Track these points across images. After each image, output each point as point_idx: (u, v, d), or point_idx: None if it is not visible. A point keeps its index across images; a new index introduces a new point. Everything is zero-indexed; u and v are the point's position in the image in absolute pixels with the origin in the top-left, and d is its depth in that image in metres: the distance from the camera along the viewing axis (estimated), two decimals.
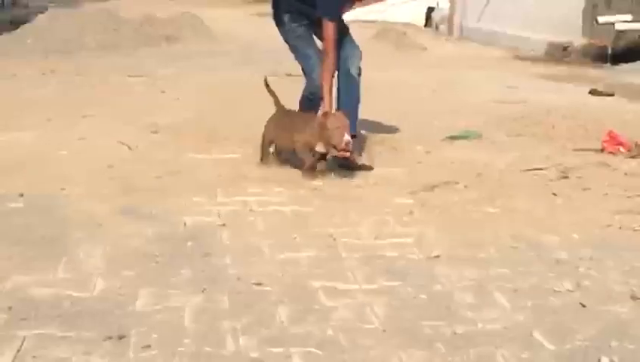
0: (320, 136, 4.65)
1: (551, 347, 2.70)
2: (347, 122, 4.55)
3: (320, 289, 3.16)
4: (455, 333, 2.79)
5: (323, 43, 5.11)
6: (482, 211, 4.23)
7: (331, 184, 4.70)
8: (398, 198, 4.44)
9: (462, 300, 3.09)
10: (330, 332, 2.79)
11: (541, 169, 5.16)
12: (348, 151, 4.57)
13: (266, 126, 5.18)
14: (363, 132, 5.97)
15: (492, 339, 2.75)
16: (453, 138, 6.10)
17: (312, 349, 2.66)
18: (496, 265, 3.45)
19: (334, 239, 3.76)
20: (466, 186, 4.72)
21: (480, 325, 2.87)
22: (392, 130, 6.35)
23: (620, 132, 6.01)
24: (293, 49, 5.44)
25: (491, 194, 4.54)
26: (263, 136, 5.16)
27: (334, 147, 4.59)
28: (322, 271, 3.36)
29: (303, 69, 5.42)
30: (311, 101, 5.27)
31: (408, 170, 5.09)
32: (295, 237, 3.77)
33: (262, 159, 5.11)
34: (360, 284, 3.23)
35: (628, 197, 4.57)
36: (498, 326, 2.86)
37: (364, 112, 7.15)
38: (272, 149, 5.18)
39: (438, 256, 3.56)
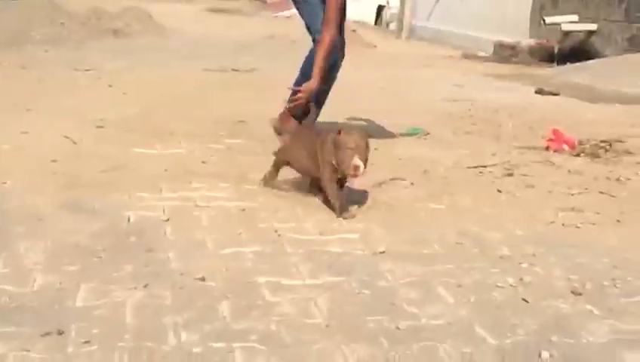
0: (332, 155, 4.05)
1: (493, 341, 2.71)
2: (362, 143, 3.95)
3: (264, 285, 3.14)
4: (398, 328, 2.79)
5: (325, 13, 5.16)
6: (428, 208, 4.25)
7: (277, 180, 4.67)
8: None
9: (406, 295, 3.09)
10: (273, 327, 2.77)
11: (486, 166, 5.20)
12: (355, 175, 3.97)
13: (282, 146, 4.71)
14: None
15: (435, 334, 2.75)
16: (400, 135, 6.12)
17: (255, 344, 2.64)
18: (440, 261, 3.46)
19: (279, 234, 3.74)
20: (412, 183, 4.73)
21: (423, 320, 2.87)
22: (339, 127, 6.33)
23: (565, 131, 6.09)
24: (303, 5, 5.42)
25: (437, 191, 4.56)
26: (276, 155, 4.63)
27: (342, 171, 4.00)
28: (267, 266, 3.34)
29: (308, 28, 5.43)
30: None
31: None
32: (240, 233, 3.74)
33: (264, 180, 4.53)
34: (304, 279, 3.21)
35: (571, 194, 4.62)
36: (441, 321, 2.87)
37: None
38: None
39: (383, 252, 3.56)
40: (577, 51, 12.59)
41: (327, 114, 6.68)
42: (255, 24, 16.82)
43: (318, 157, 4.11)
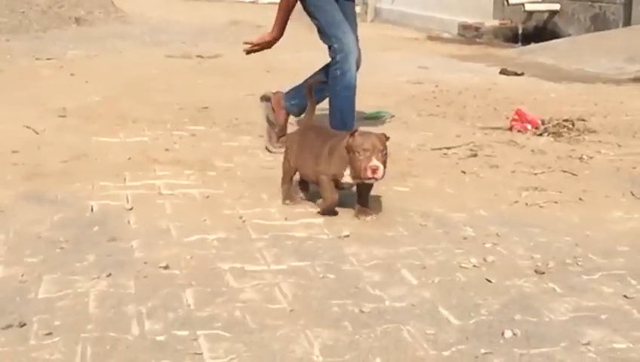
0: (346, 161, 3.71)
1: (456, 322, 2.73)
2: (380, 145, 3.61)
3: (228, 271, 3.13)
4: (362, 311, 2.79)
5: None
6: (392, 190, 4.25)
7: (242, 165, 4.67)
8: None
9: (370, 278, 3.10)
10: (237, 313, 2.76)
11: (451, 148, 5.22)
12: (374, 178, 3.63)
13: (286, 146, 4.16)
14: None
15: (399, 316, 2.76)
16: (365, 118, 6.12)
17: (219, 331, 2.63)
18: (405, 243, 3.47)
19: (244, 221, 3.73)
20: None
21: (387, 302, 2.88)
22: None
23: (529, 110, 6.12)
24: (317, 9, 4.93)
25: (402, 173, 4.57)
26: (284, 162, 4.14)
27: (358, 176, 3.67)
28: (231, 252, 3.34)
29: (325, 31, 4.91)
30: (338, 63, 4.86)
31: None
32: (204, 220, 3.73)
33: (284, 198, 4.05)
34: (269, 265, 3.21)
35: (534, 174, 4.65)
36: (405, 303, 2.88)
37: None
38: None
39: (347, 236, 3.56)
40: (541, 31, 12.66)
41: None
42: (219, 10, 16.71)
43: (323, 162, 3.79)
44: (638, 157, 5.07)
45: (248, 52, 5.12)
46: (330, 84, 4.88)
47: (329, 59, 4.93)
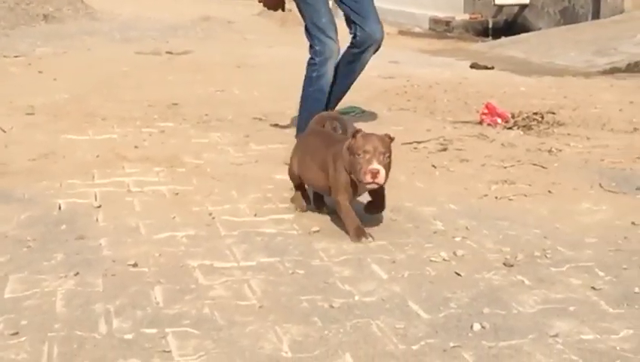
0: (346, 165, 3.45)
1: (425, 316, 2.73)
2: (382, 146, 3.33)
3: (197, 268, 3.12)
4: (332, 306, 2.79)
5: None
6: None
7: (212, 162, 4.65)
8: (279, 175, 4.41)
9: (340, 273, 3.09)
10: (206, 310, 2.75)
11: (421, 142, 5.22)
12: (375, 183, 3.34)
13: (292, 155, 3.92)
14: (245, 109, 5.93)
15: (368, 311, 2.76)
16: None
17: (188, 328, 2.61)
18: (375, 238, 3.47)
19: (213, 217, 3.71)
20: None
21: (357, 297, 2.88)
22: (275, 106, 6.32)
23: (499, 104, 6.14)
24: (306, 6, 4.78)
25: None
26: (289, 169, 3.93)
27: (358, 178, 3.38)
28: (200, 249, 3.32)
29: (309, 30, 4.77)
30: (315, 65, 4.81)
31: (290, 145, 5.04)
32: (174, 217, 3.71)
33: (296, 205, 3.86)
34: (238, 262, 3.20)
35: (504, 167, 4.66)
36: (375, 297, 2.88)
37: (245, 89, 7.15)
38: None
39: (317, 231, 3.56)
40: (511, 25, 12.72)
41: (261, 93, 6.68)
42: (189, 5, 16.61)
43: (329, 171, 3.54)
44: (606, 149, 5.10)
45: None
46: (304, 83, 4.86)
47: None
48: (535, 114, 6.00)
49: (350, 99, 6.56)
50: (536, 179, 4.42)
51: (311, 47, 4.75)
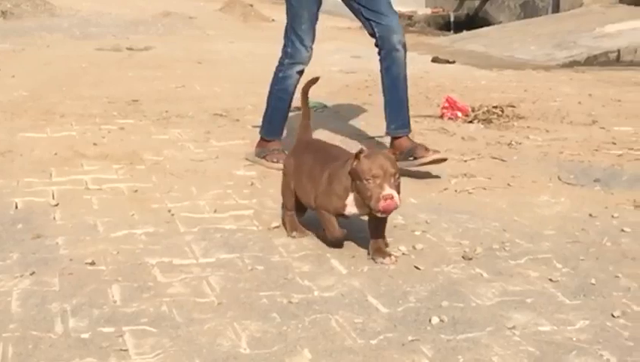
0: (350, 189, 3.12)
1: (384, 310, 2.73)
2: (390, 166, 3.01)
3: (156, 266, 3.09)
4: (291, 302, 2.78)
5: None
6: None
7: (172, 159, 4.61)
8: (240, 171, 4.41)
9: (299, 269, 3.09)
10: (164, 308, 2.73)
11: (382, 136, 5.22)
12: (387, 212, 3.05)
13: (285, 164, 3.60)
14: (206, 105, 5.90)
15: (327, 306, 2.75)
16: (298, 109, 6.09)
17: (145, 327, 2.59)
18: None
19: (173, 214, 3.69)
20: None
21: (316, 293, 2.87)
22: (235, 102, 6.30)
23: (459, 98, 6.17)
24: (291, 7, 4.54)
25: None
26: (283, 188, 3.54)
27: (368, 207, 3.06)
28: (159, 247, 3.29)
29: (286, 31, 4.61)
30: (282, 66, 4.66)
31: (251, 141, 5.04)
32: (132, 214, 3.67)
33: (290, 229, 3.47)
34: (197, 258, 3.18)
35: (464, 161, 4.69)
36: (334, 292, 2.87)
37: (206, 84, 7.11)
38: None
39: (277, 227, 3.54)
40: (472, 19, 12.78)
41: (223, 88, 6.64)
42: (150, 1, 16.48)
43: (322, 194, 3.21)
44: (565, 142, 5.15)
45: None
46: (272, 81, 4.77)
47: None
48: (495, 107, 6.03)
49: (312, 94, 6.54)
50: (496, 172, 4.45)
51: (284, 46, 4.70)
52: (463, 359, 2.40)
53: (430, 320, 2.65)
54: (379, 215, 3.06)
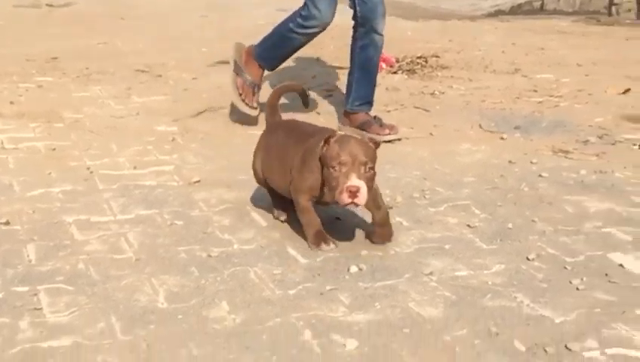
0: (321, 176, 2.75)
1: (303, 261, 2.73)
2: (361, 154, 2.65)
3: (73, 224, 3.04)
4: (210, 256, 2.76)
5: None
6: (246, 134, 4.22)
7: (92, 116, 4.53)
8: (161, 126, 4.35)
9: (219, 223, 3.06)
10: (80, 266, 2.68)
11: (307, 89, 5.19)
12: (354, 204, 2.65)
13: (254, 152, 3.22)
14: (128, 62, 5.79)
15: (247, 259, 2.74)
16: (221, 63, 6.03)
17: (61, 285, 2.55)
18: (256, 186, 3.43)
19: (91, 172, 3.62)
20: (231, 111, 4.68)
21: (236, 246, 2.86)
22: (159, 57, 6.20)
23: (384, 49, 6.14)
24: None
25: (256, 116, 4.53)
26: (254, 175, 3.22)
27: (334, 198, 2.68)
28: (77, 205, 3.24)
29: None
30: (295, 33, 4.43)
31: (173, 97, 4.99)
32: (49, 173, 3.60)
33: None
34: (115, 215, 3.13)
35: (388, 111, 4.70)
36: (254, 245, 2.86)
37: (129, 40, 6.98)
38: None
39: (198, 182, 3.51)
40: None
41: (145, 44, 6.52)
42: None
43: (296, 174, 2.85)
44: (487, 90, 5.19)
45: None
46: (284, 21, 4.53)
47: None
48: (419, 58, 6.06)
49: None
50: (419, 121, 4.47)
51: (304, 6, 4.39)
52: (380, 305, 2.41)
53: (349, 269, 2.66)
54: (345, 207, 2.75)
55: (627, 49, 6.72)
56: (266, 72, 4.60)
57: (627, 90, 5.12)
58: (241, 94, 4.44)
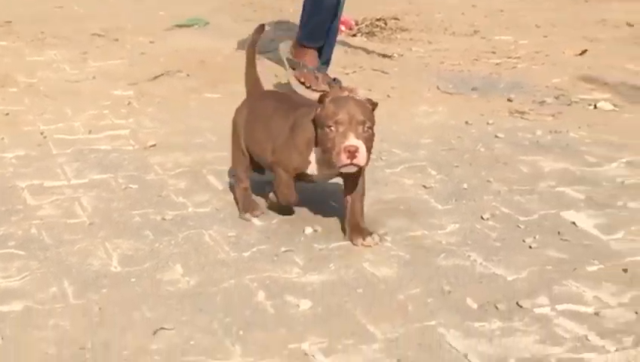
0: (315, 143, 2.55)
1: (259, 223, 2.73)
2: (358, 113, 2.44)
3: (26, 189, 3.01)
4: (164, 219, 2.75)
5: None
6: (203, 97, 4.20)
7: (46, 80, 4.47)
8: (117, 90, 4.30)
9: (175, 186, 3.05)
10: (33, 230, 2.66)
11: (264, 53, 5.16)
12: (353, 165, 2.44)
13: (234, 121, 2.91)
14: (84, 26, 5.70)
15: (201, 222, 2.73)
16: (179, 26, 5.97)
17: (13, 250, 2.52)
18: (212, 150, 3.43)
19: (45, 136, 3.58)
20: (188, 75, 4.64)
21: (191, 209, 2.84)
22: (114, 21, 6.11)
23: (344, 12, 6.11)
24: None
25: (213, 80, 4.50)
26: (233, 149, 2.90)
27: (329, 161, 2.48)
28: (30, 170, 3.20)
29: None
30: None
31: (129, 61, 4.93)
32: (2, 138, 3.56)
33: (242, 208, 2.82)
34: (69, 180, 3.10)
35: (346, 74, 4.68)
36: (209, 208, 2.85)
37: (85, 4, 6.87)
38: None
39: (154, 145, 3.49)
40: None
41: (99, 7, 6.42)
42: None
43: (282, 145, 2.64)
44: (446, 52, 5.19)
45: None
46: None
47: None
48: (379, 20, 6.03)
49: (194, 11, 6.44)
50: (377, 83, 4.46)
51: None
52: (334, 266, 2.42)
53: (304, 231, 2.66)
54: (342, 170, 2.48)
55: (586, 11, 6.73)
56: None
57: (584, 52, 5.14)
58: (305, 83, 4.29)
